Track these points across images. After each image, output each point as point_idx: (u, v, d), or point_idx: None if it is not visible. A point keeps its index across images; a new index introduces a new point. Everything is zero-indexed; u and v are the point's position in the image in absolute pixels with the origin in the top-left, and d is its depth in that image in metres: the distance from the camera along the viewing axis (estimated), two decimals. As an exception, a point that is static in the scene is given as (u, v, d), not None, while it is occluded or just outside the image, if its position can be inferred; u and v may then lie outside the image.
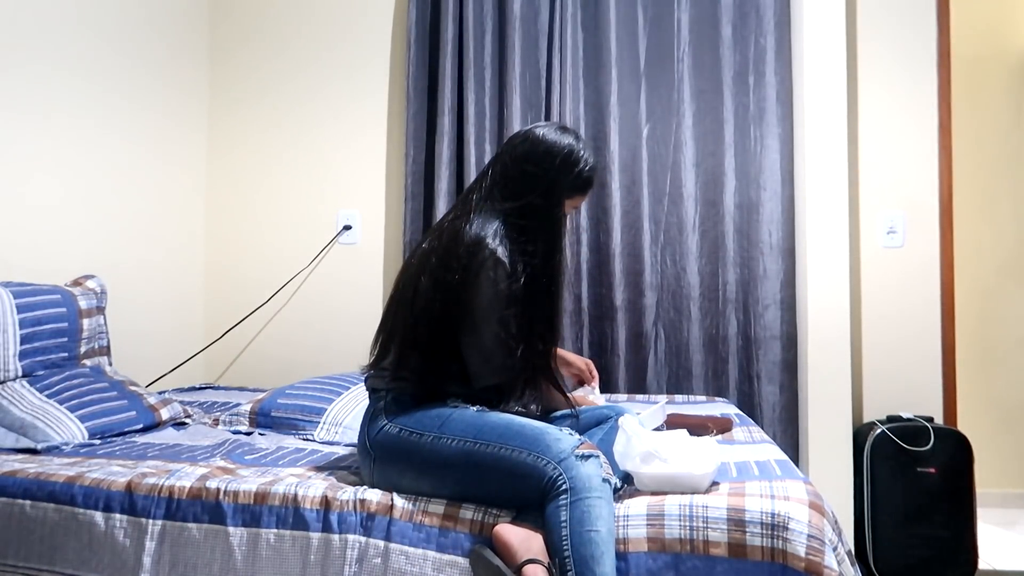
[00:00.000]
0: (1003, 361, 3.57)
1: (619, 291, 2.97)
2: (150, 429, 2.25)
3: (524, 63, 3.05)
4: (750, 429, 2.21)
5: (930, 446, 2.67)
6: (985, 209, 3.59)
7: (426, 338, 1.66)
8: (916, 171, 2.94)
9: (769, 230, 2.93)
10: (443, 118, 3.05)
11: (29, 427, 2.02)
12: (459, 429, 1.58)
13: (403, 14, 3.22)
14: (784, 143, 2.94)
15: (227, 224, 3.36)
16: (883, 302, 2.93)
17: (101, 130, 2.81)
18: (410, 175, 3.10)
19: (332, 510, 1.54)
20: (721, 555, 1.42)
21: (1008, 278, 3.60)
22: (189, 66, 3.28)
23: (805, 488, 1.54)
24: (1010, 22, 3.62)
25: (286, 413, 2.27)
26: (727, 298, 2.97)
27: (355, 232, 3.25)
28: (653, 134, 3.03)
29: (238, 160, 3.36)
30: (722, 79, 3.00)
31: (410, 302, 1.68)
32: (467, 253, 1.64)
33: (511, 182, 1.73)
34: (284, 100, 3.32)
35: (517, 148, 1.77)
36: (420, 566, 1.49)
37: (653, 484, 1.55)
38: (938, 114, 2.93)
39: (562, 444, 1.51)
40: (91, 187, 2.77)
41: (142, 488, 1.62)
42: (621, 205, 3.00)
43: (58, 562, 1.61)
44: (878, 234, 2.95)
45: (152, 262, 3.06)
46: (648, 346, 2.98)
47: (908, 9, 2.95)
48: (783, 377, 2.90)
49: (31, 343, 2.20)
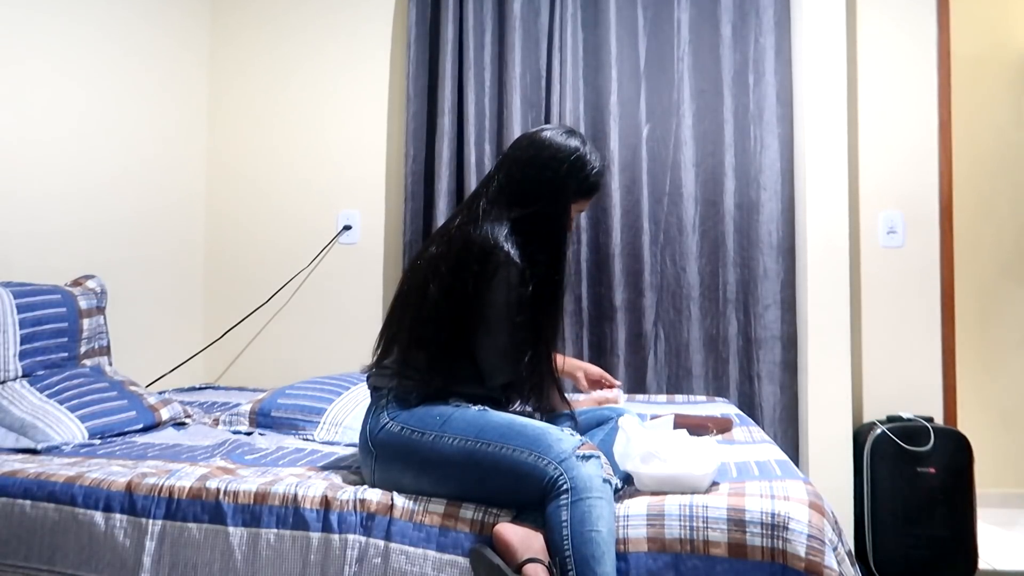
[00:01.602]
0: (1003, 361, 3.57)
1: (619, 291, 2.97)
2: (150, 429, 2.25)
3: (524, 63, 3.05)
4: (750, 429, 2.21)
5: (930, 446, 2.67)
6: (985, 209, 3.59)
7: (433, 338, 1.66)
8: (916, 171, 2.94)
9: (769, 230, 2.93)
10: (443, 118, 3.05)
11: (29, 427, 2.02)
12: (460, 428, 1.58)
13: (403, 14, 3.23)
14: (784, 143, 2.94)
15: (227, 224, 3.36)
16: (883, 302, 2.93)
17: (101, 130, 2.81)
18: (410, 175, 3.10)
19: (332, 510, 1.54)
20: (721, 555, 1.42)
21: (1008, 278, 3.60)
22: (190, 64, 3.28)
23: (805, 488, 1.54)
24: (1010, 22, 3.62)
25: (286, 413, 2.27)
26: (727, 298, 2.97)
27: (355, 232, 3.25)
28: (653, 134, 3.03)
29: (238, 159, 3.36)
30: (722, 79, 3.00)
31: (417, 305, 1.68)
32: (480, 259, 1.63)
33: (518, 187, 1.72)
34: (284, 100, 3.33)
35: (523, 152, 1.75)
36: (420, 566, 1.49)
37: (653, 484, 1.55)
38: (938, 114, 2.93)
39: (563, 444, 1.51)
40: (91, 186, 2.77)
41: (142, 488, 1.62)
42: (621, 205, 3.00)
43: (58, 562, 1.61)
44: (878, 234, 2.95)
45: (152, 262, 3.06)
46: (648, 346, 2.98)
47: (908, 9, 2.94)
48: (783, 377, 2.90)
49: (31, 343, 2.20)
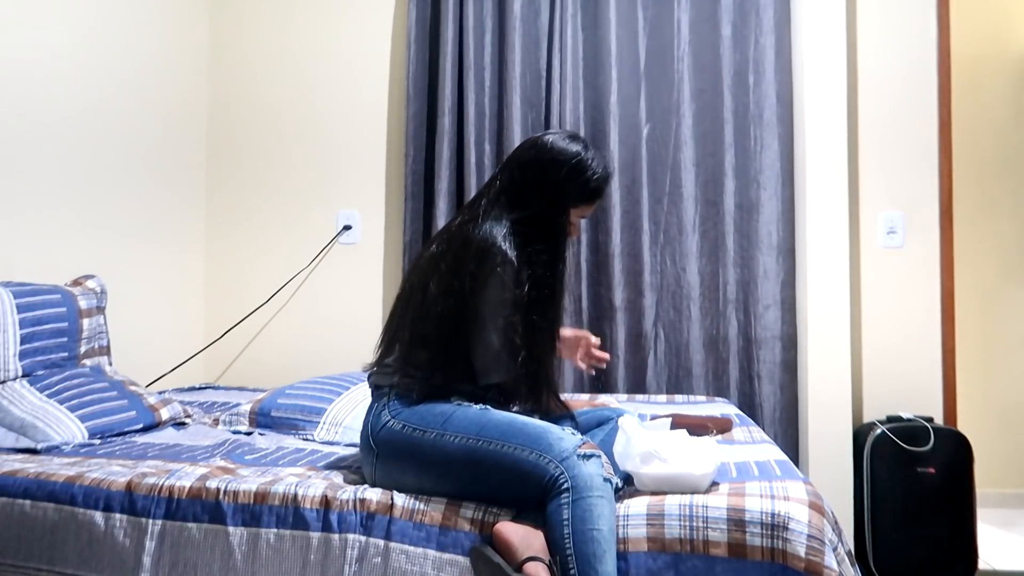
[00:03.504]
0: (1003, 361, 3.57)
1: (619, 291, 2.97)
2: (150, 429, 2.25)
3: (524, 63, 3.05)
4: (750, 429, 2.21)
5: (930, 446, 2.67)
6: (985, 209, 3.59)
7: (435, 336, 1.66)
8: (916, 171, 2.94)
9: (769, 230, 2.93)
10: (443, 118, 3.05)
11: (29, 427, 2.01)
12: (462, 426, 1.58)
13: (403, 14, 3.22)
14: (784, 143, 2.94)
15: (227, 223, 3.36)
16: (883, 302, 2.93)
17: (101, 129, 2.81)
18: (410, 175, 3.10)
19: (332, 510, 1.54)
20: (721, 555, 1.42)
21: (1008, 278, 3.60)
22: (189, 64, 3.28)
23: (805, 488, 1.54)
24: (1010, 22, 3.62)
25: (286, 413, 2.27)
26: (727, 298, 2.97)
27: (355, 232, 3.25)
28: (653, 134, 3.03)
29: (238, 160, 3.36)
30: (722, 79, 3.00)
31: (418, 304, 1.69)
32: (477, 258, 1.64)
33: (518, 190, 1.73)
34: (284, 100, 3.32)
35: (524, 155, 1.77)
36: (420, 565, 1.49)
37: (653, 484, 1.55)
38: (938, 114, 2.93)
39: (564, 443, 1.51)
40: (91, 186, 2.76)
41: (142, 488, 1.62)
42: (621, 205, 3.00)
43: (58, 562, 1.61)
44: (878, 234, 2.95)
45: (152, 262, 3.06)
46: (648, 346, 2.98)
47: (908, 9, 2.94)
48: (783, 377, 2.90)
49: (31, 343, 2.19)
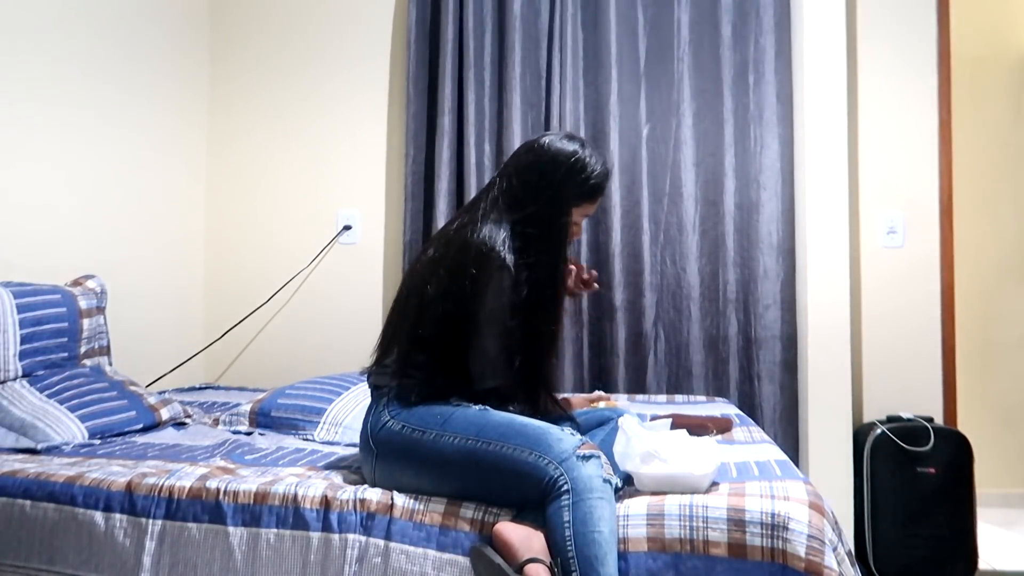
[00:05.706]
0: (1003, 361, 3.57)
1: (619, 291, 2.97)
2: (150, 429, 2.25)
3: (524, 63, 3.05)
4: (750, 429, 2.21)
5: (930, 446, 2.67)
6: (985, 209, 3.59)
7: (434, 338, 1.66)
8: (916, 171, 2.94)
9: (769, 230, 2.93)
10: (443, 118, 3.05)
11: (29, 427, 2.02)
12: (461, 427, 1.58)
13: (403, 14, 3.22)
14: (784, 143, 2.94)
15: (227, 223, 3.36)
16: (883, 302, 2.93)
17: (101, 129, 2.81)
18: (410, 175, 3.10)
19: (332, 510, 1.54)
20: (721, 555, 1.42)
21: (1008, 278, 3.60)
22: (189, 65, 3.28)
23: (805, 488, 1.54)
24: (1010, 22, 3.62)
25: (286, 413, 2.27)
26: (727, 298, 2.97)
27: (355, 232, 3.25)
28: (653, 134, 3.03)
29: (238, 159, 3.36)
30: (722, 79, 3.00)
31: (416, 306, 1.69)
32: (476, 262, 1.64)
33: (517, 192, 1.73)
34: (284, 99, 3.32)
35: (523, 158, 1.78)
36: (420, 565, 1.49)
37: (653, 484, 1.55)
38: (938, 114, 2.93)
39: (564, 444, 1.51)
40: (91, 186, 2.77)
41: (142, 488, 1.62)
42: (621, 205, 3.00)
43: (58, 562, 1.61)
44: (878, 234, 2.95)
45: (152, 262, 3.06)
46: (648, 346, 2.98)
47: (908, 9, 2.94)
48: (783, 377, 2.90)
49: (31, 343, 2.19)
